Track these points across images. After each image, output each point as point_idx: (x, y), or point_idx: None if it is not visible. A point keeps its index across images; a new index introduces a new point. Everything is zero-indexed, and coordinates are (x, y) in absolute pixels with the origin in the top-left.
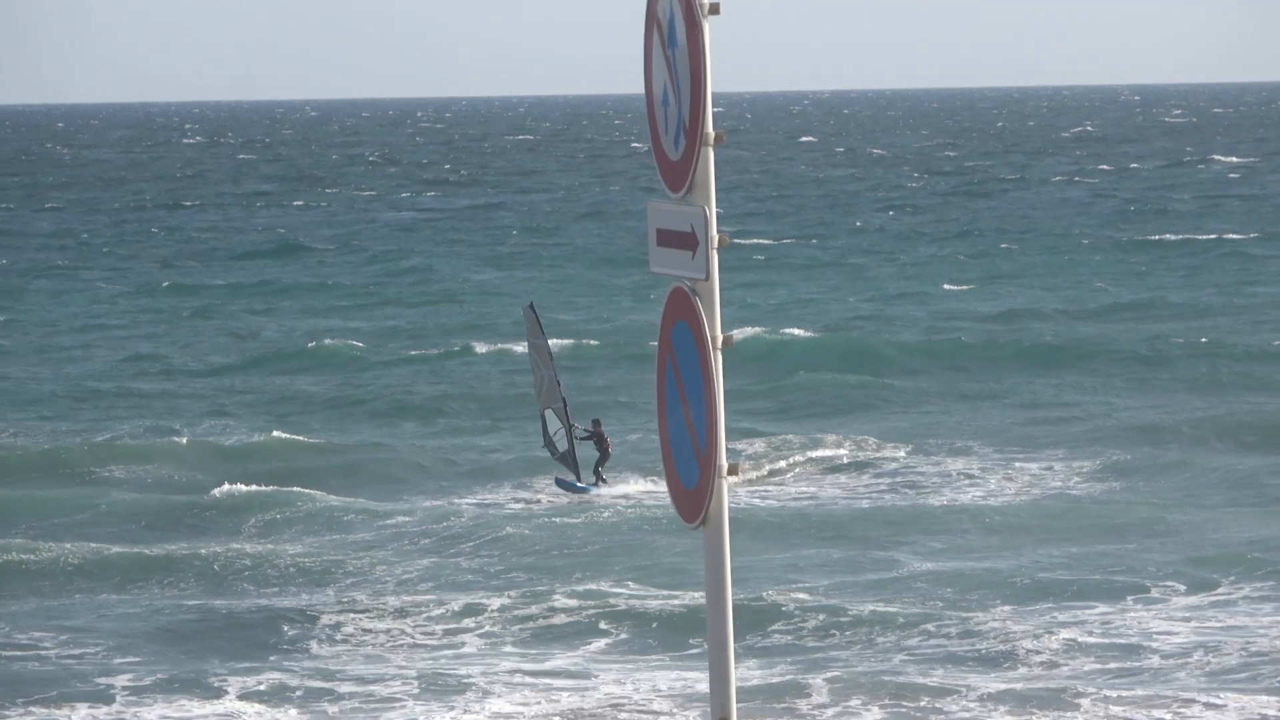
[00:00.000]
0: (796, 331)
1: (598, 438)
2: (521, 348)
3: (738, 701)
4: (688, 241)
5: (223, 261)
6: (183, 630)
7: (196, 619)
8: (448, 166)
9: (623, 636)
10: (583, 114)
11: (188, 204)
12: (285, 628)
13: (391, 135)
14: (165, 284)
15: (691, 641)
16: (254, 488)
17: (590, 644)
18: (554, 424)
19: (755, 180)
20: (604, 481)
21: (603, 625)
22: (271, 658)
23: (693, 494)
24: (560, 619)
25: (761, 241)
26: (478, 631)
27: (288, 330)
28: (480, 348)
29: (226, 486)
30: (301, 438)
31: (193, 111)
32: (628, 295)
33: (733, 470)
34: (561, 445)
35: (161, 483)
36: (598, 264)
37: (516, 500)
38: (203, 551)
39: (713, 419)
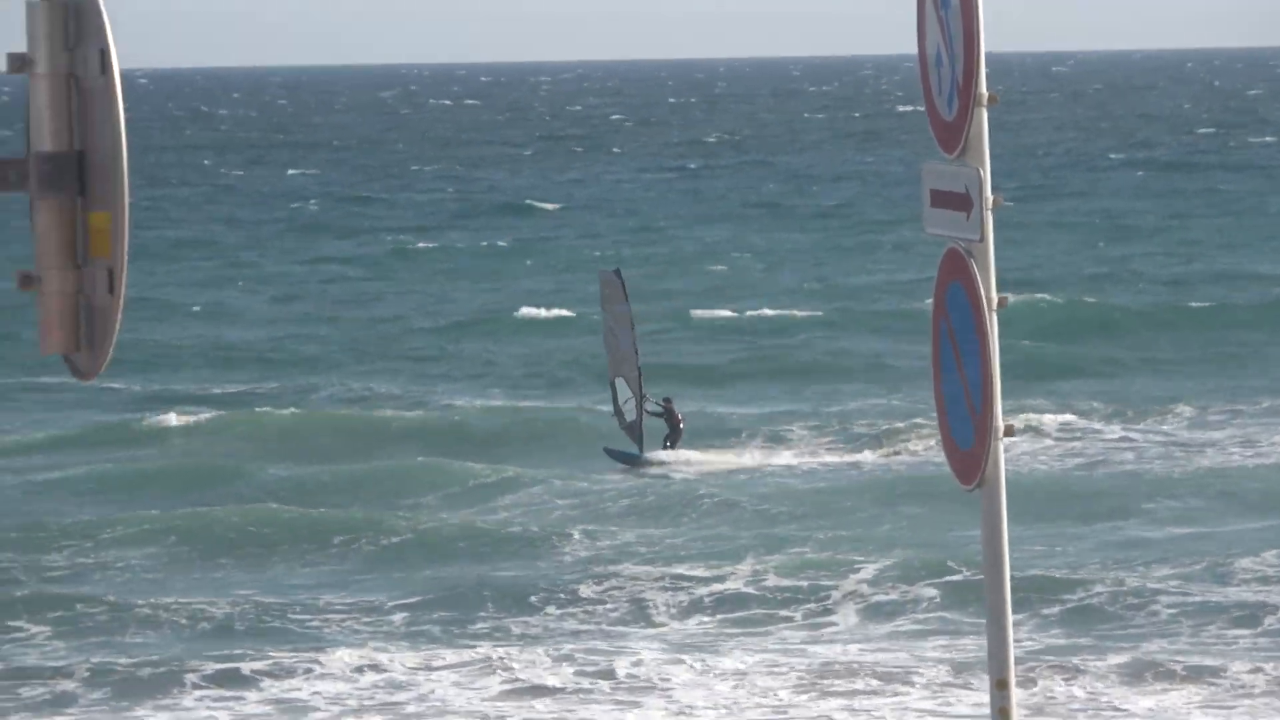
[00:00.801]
0: (1044, 296)
1: (668, 414)
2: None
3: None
4: (962, 202)
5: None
6: (450, 598)
7: (458, 587)
8: (715, 135)
9: (872, 603)
10: (845, 75)
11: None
12: (531, 597)
13: (649, 96)
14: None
15: (924, 604)
16: (465, 462)
17: (833, 613)
18: (624, 393)
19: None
20: (665, 451)
21: (844, 592)
22: (517, 621)
23: (968, 456)
24: (800, 588)
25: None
26: (723, 601)
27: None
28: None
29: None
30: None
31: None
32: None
33: (1008, 431)
34: (630, 415)
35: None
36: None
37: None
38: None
39: (988, 380)
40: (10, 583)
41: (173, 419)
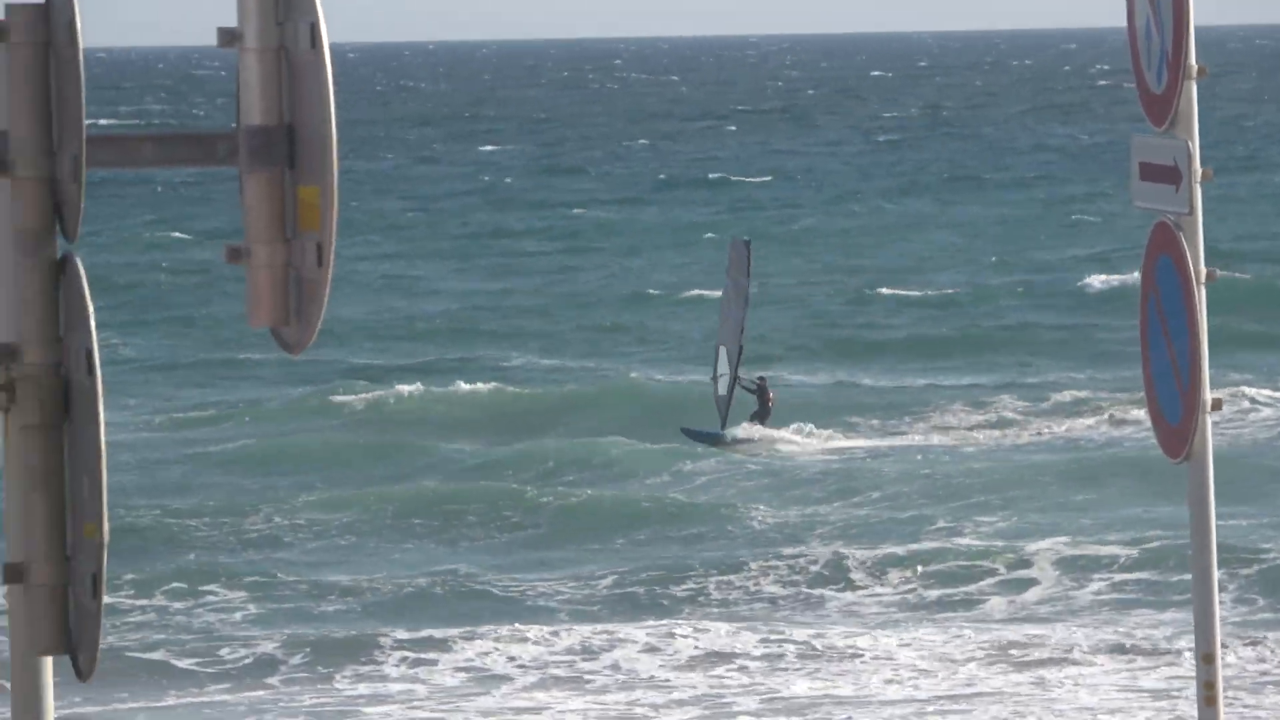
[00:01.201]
0: (1250, 270)
1: (761, 391)
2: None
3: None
4: (1171, 175)
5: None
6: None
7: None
8: (916, 107)
9: (1066, 576)
10: (1048, 47)
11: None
12: (721, 569)
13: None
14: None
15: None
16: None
17: (1023, 587)
18: (722, 365)
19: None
20: (750, 429)
21: (1036, 565)
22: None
23: (1177, 430)
24: (987, 563)
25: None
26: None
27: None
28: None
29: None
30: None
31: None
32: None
33: (1216, 405)
34: (721, 388)
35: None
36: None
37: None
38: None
39: (1197, 354)
40: (210, 549)
41: (364, 393)
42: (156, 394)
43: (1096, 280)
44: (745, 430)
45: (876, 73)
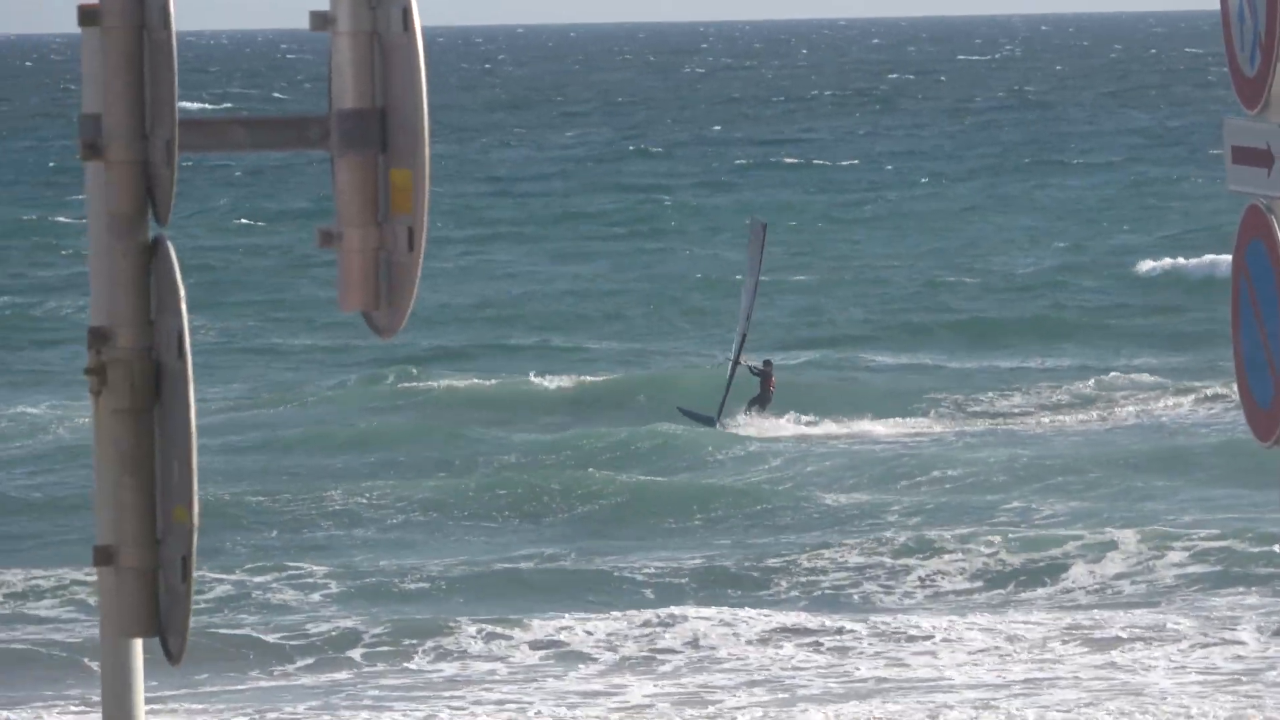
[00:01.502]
0: None
1: (764, 376)
2: None
3: None
4: (1263, 159)
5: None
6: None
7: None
8: (1003, 90)
9: (1151, 563)
10: (1134, 30)
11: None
12: (796, 554)
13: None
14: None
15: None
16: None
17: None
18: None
19: None
20: (747, 414)
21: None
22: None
23: (1268, 414)
24: (1076, 551)
25: None
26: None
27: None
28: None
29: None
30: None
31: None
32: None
33: None
34: (722, 371)
35: None
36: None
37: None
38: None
39: None
40: (292, 529)
41: (445, 378)
42: (237, 376)
43: (1173, 263)
44: (743, 416)
45: (962, 57)
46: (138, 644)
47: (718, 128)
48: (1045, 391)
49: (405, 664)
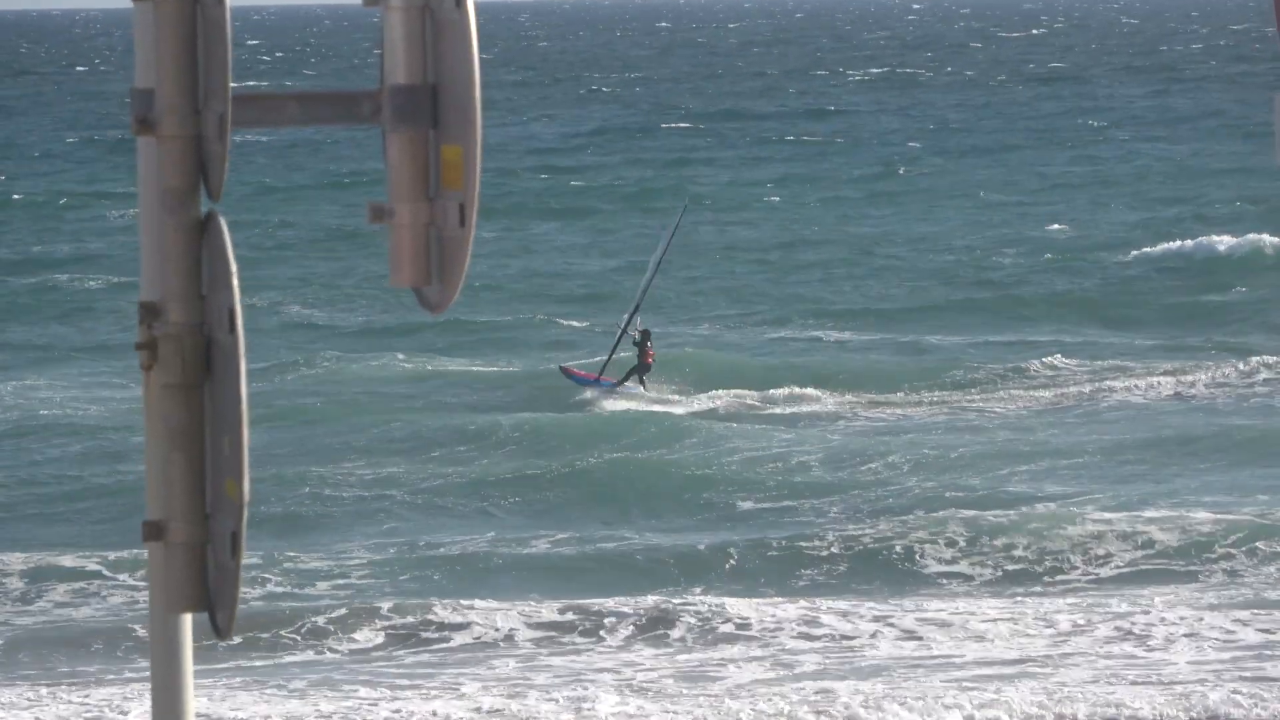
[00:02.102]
0: None
1: (641, 349)
2: None
3: None
4: None
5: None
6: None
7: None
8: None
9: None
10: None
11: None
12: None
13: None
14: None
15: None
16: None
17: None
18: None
19: None
20: (625, 385)
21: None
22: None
23: None
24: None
25: None
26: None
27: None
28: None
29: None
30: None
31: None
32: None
33: None
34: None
35: None
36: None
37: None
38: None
39: None
40: (355, 514)
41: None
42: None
43: (1200, 241)
44: (632, 385)
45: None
46: (187, 619)
47: (755, 101)
48: (1076, 372)
49: (483, 654)
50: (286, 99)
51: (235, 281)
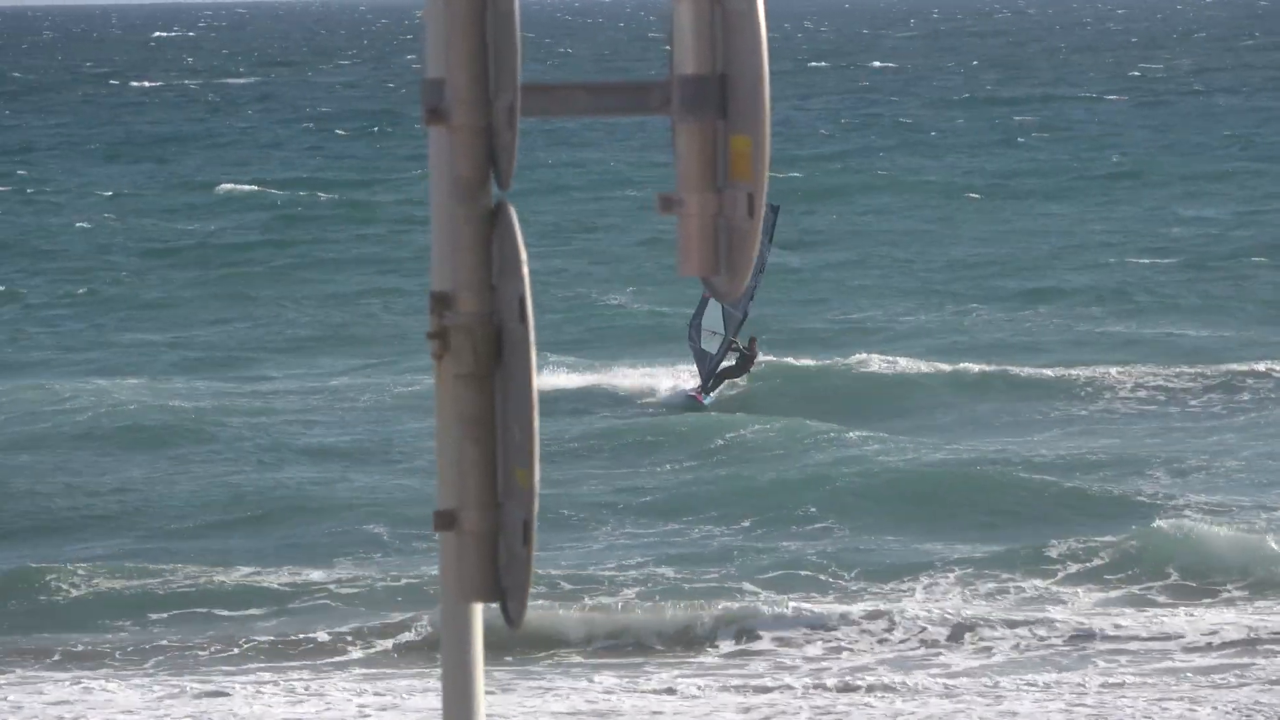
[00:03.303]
0: None
1: (751, 357)
2: None
3: None
4: None
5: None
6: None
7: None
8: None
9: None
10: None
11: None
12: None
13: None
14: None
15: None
16: None
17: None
18: (717, 323)
19: None
20: (709, 391)
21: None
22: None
23: None
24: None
25: None
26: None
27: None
28: None
29: None
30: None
31: None
32: None
33: None
34: (709, 346)
35: None
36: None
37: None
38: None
39: None
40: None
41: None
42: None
43: None
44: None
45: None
46: (478, 609)
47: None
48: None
49: (699, 648)
50: (576, 89)
51: (526, 270)
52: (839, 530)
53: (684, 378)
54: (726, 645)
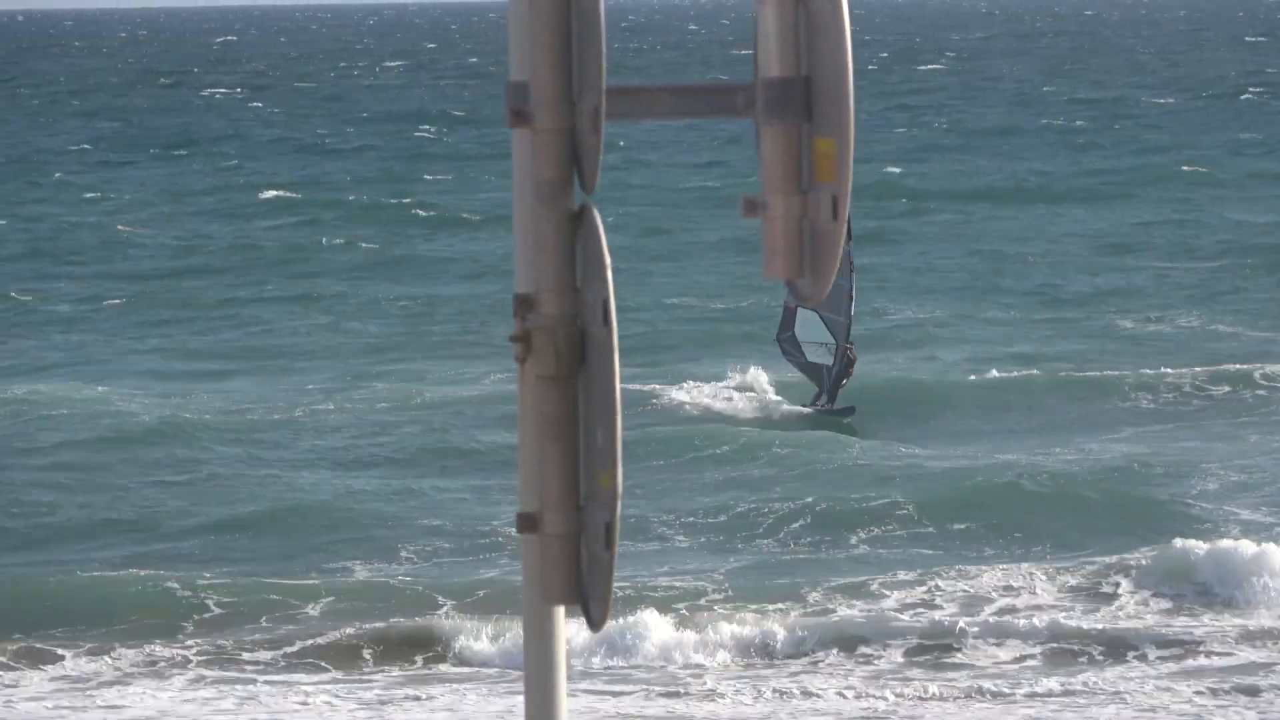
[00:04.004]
0: None
1: (853, 361)
2: None
3: None
4: None
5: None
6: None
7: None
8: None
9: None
10: None
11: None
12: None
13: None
14: None
15: None
16: None
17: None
18: (817, 332)
19: None
20: (833, 399)
21: None
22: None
23: None
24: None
25: None
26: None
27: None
28: None
29: None
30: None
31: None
32: None
33: None
34: (822, 359)
35: None
36: None
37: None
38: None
39: None
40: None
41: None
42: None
43: None
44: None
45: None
46: (560, 611)
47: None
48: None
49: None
50: (660, 92)
51: (609, 274)
52: (894, 538)
53: (763, 384)
54: (788, 654)
